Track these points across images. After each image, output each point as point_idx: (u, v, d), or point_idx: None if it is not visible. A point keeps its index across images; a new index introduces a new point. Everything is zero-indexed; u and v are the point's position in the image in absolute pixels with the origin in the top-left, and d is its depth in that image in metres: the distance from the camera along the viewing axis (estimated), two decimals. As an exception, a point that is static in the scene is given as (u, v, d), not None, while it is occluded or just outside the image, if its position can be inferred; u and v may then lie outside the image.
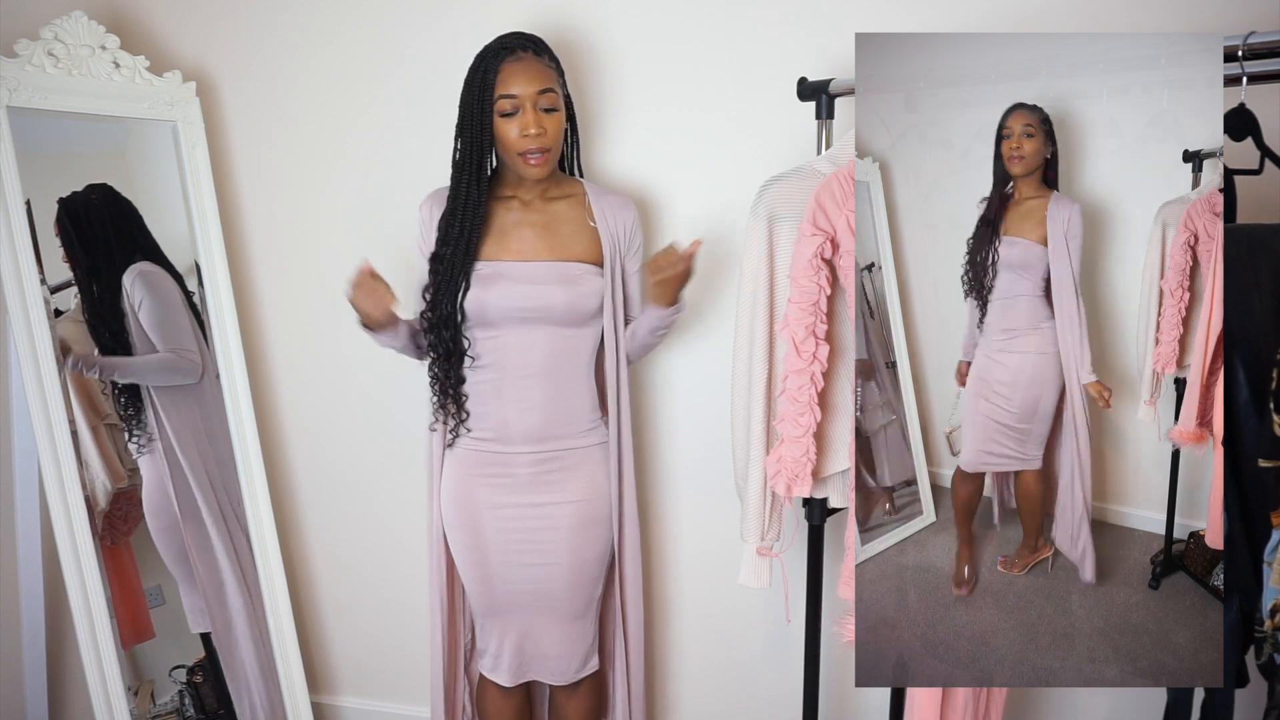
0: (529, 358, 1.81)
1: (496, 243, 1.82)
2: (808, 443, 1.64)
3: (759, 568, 1.73)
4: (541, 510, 1.85)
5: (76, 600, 1.95)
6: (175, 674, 2.26)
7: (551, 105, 1.74)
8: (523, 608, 1.89)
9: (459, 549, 1.90)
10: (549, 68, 1.77)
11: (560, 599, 1.87)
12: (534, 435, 1.83)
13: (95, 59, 2.07)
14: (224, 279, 2.27)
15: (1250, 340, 1.35)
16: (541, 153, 1.74)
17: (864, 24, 1.91)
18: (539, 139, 1.72)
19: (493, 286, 1.78)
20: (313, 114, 2.32)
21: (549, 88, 1.74)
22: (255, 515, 2.28)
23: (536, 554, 1.85)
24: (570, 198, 1.86)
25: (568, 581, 1.86)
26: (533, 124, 1.72)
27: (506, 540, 1.85)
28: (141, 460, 2.15)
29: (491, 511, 1.85)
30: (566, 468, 1.85)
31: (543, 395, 1.82)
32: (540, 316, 1.80)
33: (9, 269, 1.90)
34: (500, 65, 1.73)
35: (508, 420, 1.83)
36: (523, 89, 1.72)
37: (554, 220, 1.83)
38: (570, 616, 1.89)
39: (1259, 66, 1.37)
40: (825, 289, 1.61)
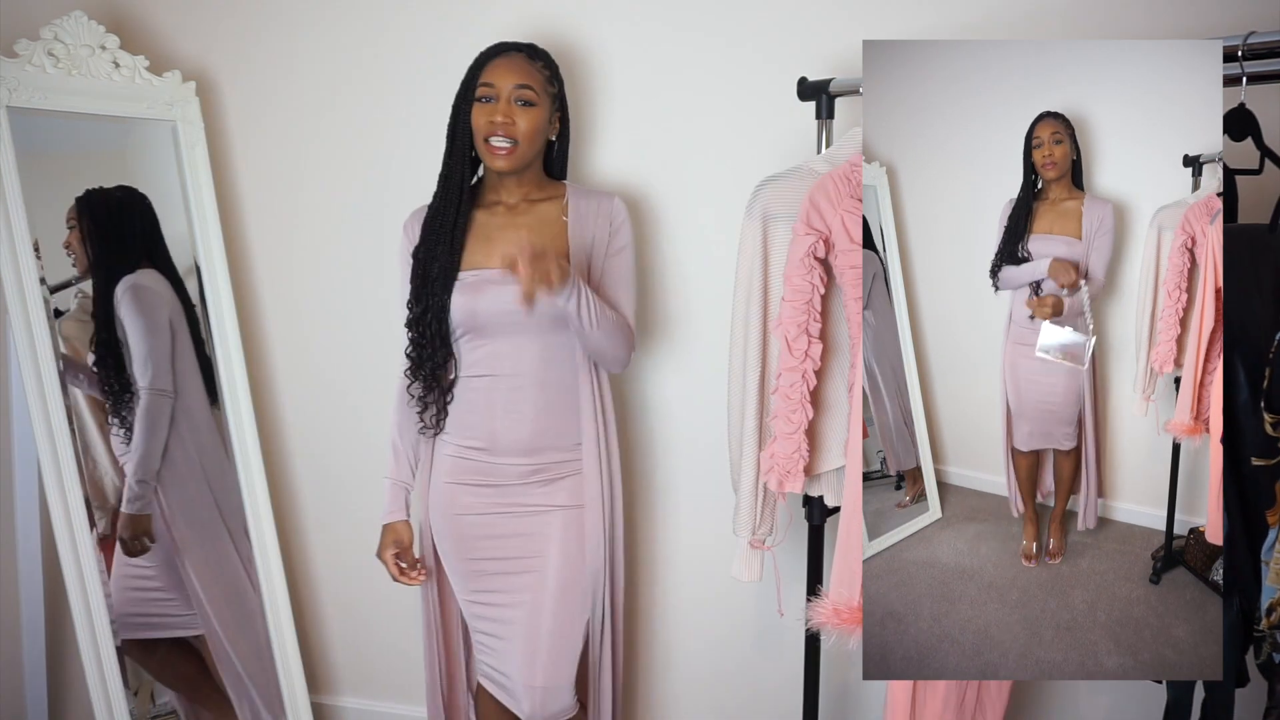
0: (520, 365, 1.79)
1: (482, 250, 1.81)
2: (799, 440, 1.65)
3: (751, 561, 1.75)
4: (530, 514, 1.82)
5: (76, 600, 1.95)
6: (175, 674, 2.27)
7: (528, 100, 1.76)
8: (507, 624, 1.83)
9: (445, 556, 1.89)
10: (535, 68, 1.79)
11: (549, 612, 1.81)
12: (523, 447, 1.80)
13: (95, 59, 2.07)
14: (224, 279, 2.26)
15: (1250, 340, 1.36)
16: (508, 140, 1.75)
17: (865, 25, 1.92)
18: (505, 126, 1.74)
19: (482, 293, 1.77)
20: (313, 114, 2.32)
21: (526, 83, 1.75)
22: (255, 516, 2.28)
23: (523, 562, 1.82)
24: (553, 200, 1.86)
25: (555, 596, 1.81)
26: (501, 112, 1.74)
27: (491, 547, 1.83)
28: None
29: (476, 517, 1.83)
30: (556, 478, 1.83)
31: (534, 405, 1.79)
32: (528, 322, 1.76)
33: (9, 269, 1.89)
34: (487, 61, 1.78)
35: (496, 431, 1.80)
36: (500, 80, 1.75)
37: (538, 224, 1.83)
38: (557, 637, 1.81)
39: (1259, 66, 1.37)
40: (819, 287, 1.62)
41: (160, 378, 2.15)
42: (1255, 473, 1.35)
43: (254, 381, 2.33)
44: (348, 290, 2.36)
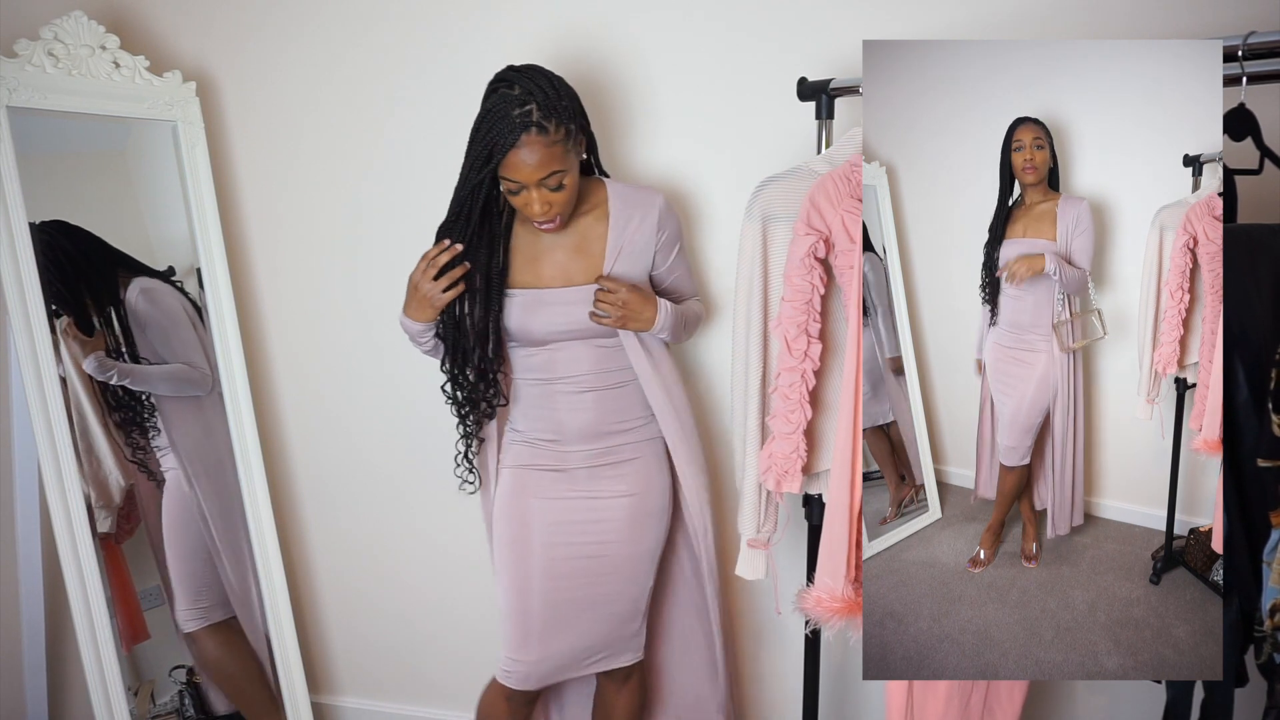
0: (576, 369, 1.82)
1: (530, 269, 1.81)
2: (798, 440, 1.65)
3: (754, 560, 1.75)
4: (596, 503, 1.84)
5: (76, 600, 1.95)
6: (175, 674, 2.26)
7: (559, 184, 1.69)
8: (561, 618, 1.85)
9: (502, 546, 1.88)
10: (553, 140, 1.65)
11: (613, 596, 1.85)
12: (588, 433, 1.83)
13: (95, 59, 2.07)
14: (224, 279, 2.26)
15: (1250, 340, 1.36)
16: (550, 221, 1.73)
17: (865, 25, 1.92)
18: (546, 215, 1.71)
19: (535, 314, 1.79)
20: (313, 113, 2.32)
21: (552, 171, 1.67)
22: (255, 516, 2.28)
23: (589, 546, 1.84)
24: (595, 209, 1.83)
25: (623, 576, 1.85)
26: (536, 202, 1.69)
27: (556, 533, 1.84)
28: (163, 458, 2.19)
29: (543, 503, 1.85)
30: (621, 461, 1.85)
31: (595, 398, 1.83)
32: (583, 335, 1.81)
33: (9, 269, 1.89)
34: (504, 150, 1.64)
35: (562, 421, 1.83)
36: (525, 176, 1.66)
37: (584, 240, 1.81)
38: (620, 618, 1.87)
39: (1259, 66, 1.37)
40: (819, 288, 1.62)
41: (199, 364, 2.22)
42: (1258, 473, 1.35)
43: (254, 381, 2.34)
44: (348, 290, 2.36)
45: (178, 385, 2.20)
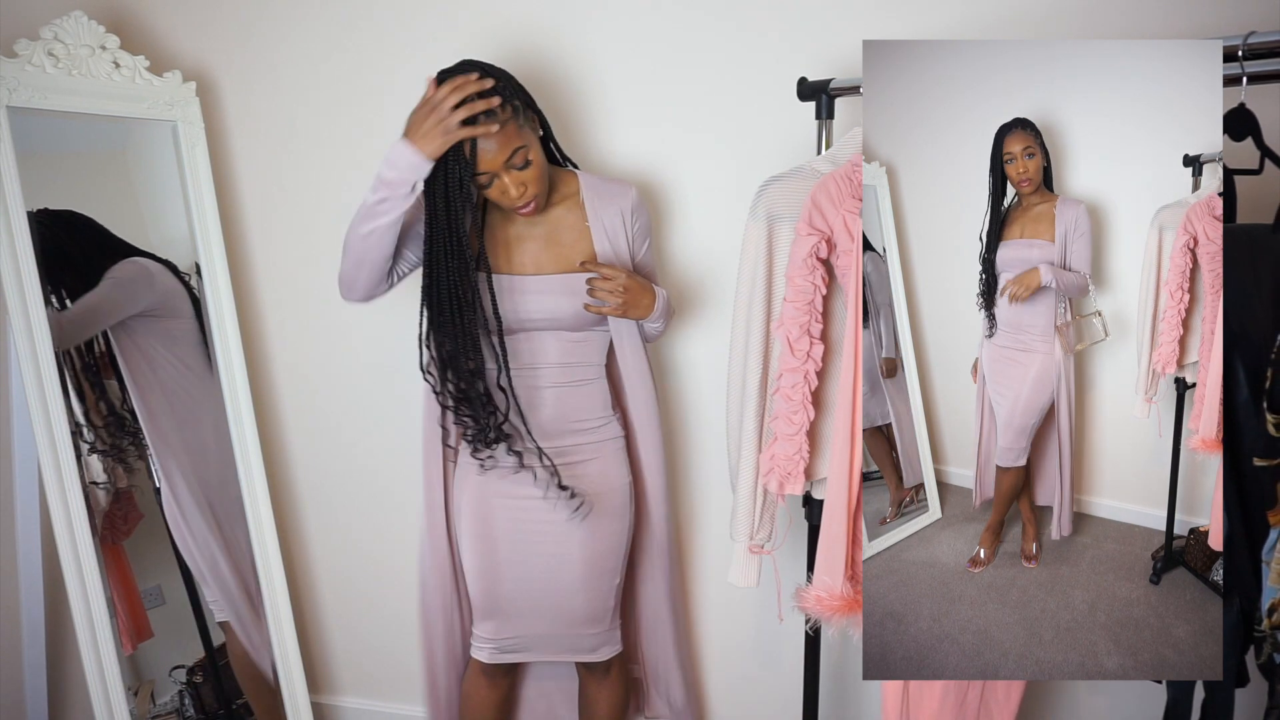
0: (540, 359, 1.82)
1: (503, 257, 1.82)
2: (800, 441, 1.65)
3: (748, 566, 1.74)
4: (555, 503, 1.84)
5: (76, 600, 1.95)
6: (175, 674, 2.26)
7: (524, 161, 1.69)
8: (530, 603, 1.88)
9: (468, 539, 1.90)
10: (507, 121, 1.65)
11: (573, 593, 1.86)
12: (544, 432, 1.83)
13: (95, 59, 2.06)
14: (224, 279, 2.26)
15: (1250, 340, 1.36)
16: (528, 203, 1.74)
17: (865, 25, 1.92)
18: (522, 196, 1.71)
19: (506, 300, 1.79)
20: (313, 113, 2.32)
21: (513, 148, 1.67)
22: (255, 516, 2.28)
23: (547, 544, 1.85)
24: (568, 199, 1.84)
25: (581, 575, 1.86)
26: (511, 186, 1.70)
27: (517, 531, 1.86)
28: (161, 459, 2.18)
29: (504, 502, 1.86)
30: (579, 461, 1.86)
31: (554, 395, 1.84)
32: (550, 325, 1.81)
33: (9, 269, 1.89)
34: (472, 155, 1.66)
35: (521, 415, 1.83)
36: (491, 164, 1.67)
37: (555, 229, 1.82)
38: (589, 616, 1.88)
39: (1259, 66, 1.37)
40: (820, 288, 1.62)
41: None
42: (1256, 473, 1.35)
43: (254, 381, 2.33)
44: (348, 290, 2.36)
45: (124, 292, 2.09)
